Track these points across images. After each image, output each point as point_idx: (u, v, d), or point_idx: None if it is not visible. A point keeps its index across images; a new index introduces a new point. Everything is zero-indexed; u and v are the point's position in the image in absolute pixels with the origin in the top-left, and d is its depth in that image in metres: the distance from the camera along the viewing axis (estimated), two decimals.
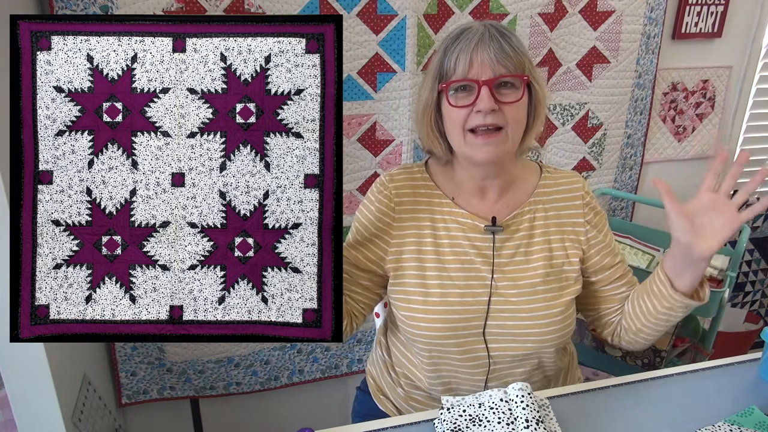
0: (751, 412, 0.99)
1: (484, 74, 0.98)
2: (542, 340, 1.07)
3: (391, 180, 1.13)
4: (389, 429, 0.99)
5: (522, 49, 1.01)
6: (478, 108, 0.97)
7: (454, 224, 1.10)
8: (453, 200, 1.11)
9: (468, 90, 0.99)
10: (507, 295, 1.07)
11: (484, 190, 1.11)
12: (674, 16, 1.98)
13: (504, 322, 1.07)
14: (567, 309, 1.09)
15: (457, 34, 1.02)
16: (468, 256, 1.08)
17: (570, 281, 1.10)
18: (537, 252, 1.09)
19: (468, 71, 0.98)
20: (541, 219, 1.11)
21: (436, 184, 1.13)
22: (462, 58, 0.98)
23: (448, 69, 1.01)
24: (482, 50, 0.97)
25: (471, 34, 1.00)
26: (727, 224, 0.93)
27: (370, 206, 1.13)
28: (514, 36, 1.02)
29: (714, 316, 1.73)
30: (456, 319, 1.06)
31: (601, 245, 1.12)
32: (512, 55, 0.98)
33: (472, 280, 1.08)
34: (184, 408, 1.88)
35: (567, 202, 1.13)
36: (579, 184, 1.14)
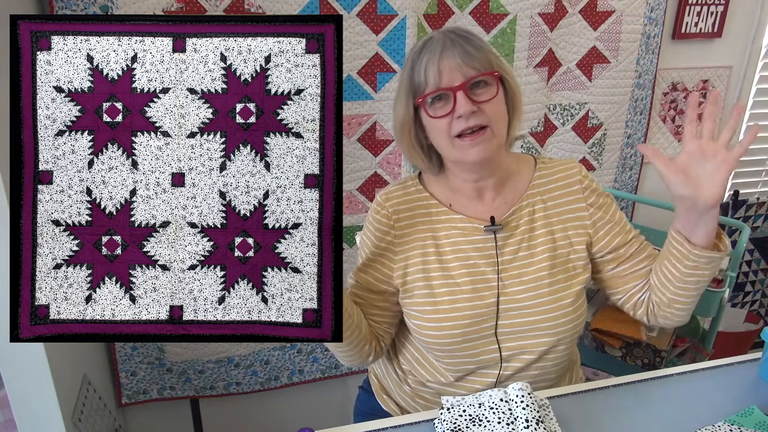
0: (751, 412, 0.99)
1: (455, 80, 0.98)
2: (555, 333, 1.07)
3: (387, 199, 1.14)
4: (389, 429, 0.99)
5: (485, 46, 1.02)
6: (459, 113, 0.98)
7: (455, 230, 1.10)
8: (450, 207, 1.12)
9: (444, 99, 1.00)
10: (514, 293, 1.07)
11: (480, 191, 1.11)
12: (674, 16, 1.98)
13: (514, 320, 1.07)
14: (577, 299, 1.08)
15: (420, 47, 1.03)
16: (472, 260, 1.09)
17: (578, 270, 1.10)
18: (540, 245, 1.09)
19: (440, 80, 0.99)
20: (541, 211, 1.11)
21: (431, 194, 1.14)
22: (430, 69, 0.99)
23: (420, 82, 1.01)
24: (447, 57, 0.99)
25: (432, 44, 1.01)
26: (721, 165, 0.92)
27: (371, 227, 1.14)
28: (475, 36, 1.03)
29: (714, 316, 1.73)
30: (467, 324, 1.06)
31: (609, 225, 1.12)
32: (477, 55, 0.99)
33: (478, 283, 1.08)
34: (184, 408, 1.88)
35: (565, 189, 1.12)
36: (575, 169, 1.14)
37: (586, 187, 1.13)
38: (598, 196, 1.13)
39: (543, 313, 1.07)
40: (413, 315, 1.10)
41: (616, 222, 1.13)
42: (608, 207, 1.13)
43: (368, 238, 1.15)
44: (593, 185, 1.14)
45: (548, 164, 1.15)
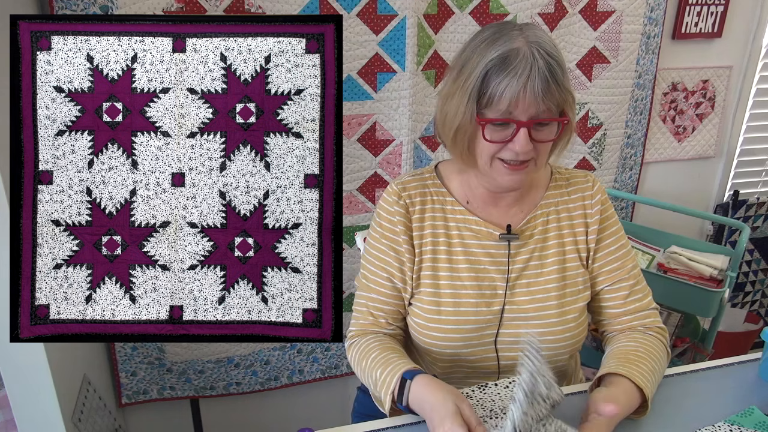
0: (751, 412, 0.99)
1: (526, 114, 0.92)
2: (555, 347, 1.05)
3: (404, 189, 1.08)
4: (389, 429, 0.99)
5: (566, 84, 0.95)
6: (514, 149, 0.94)
7: (468, 232, 1.08)
8: (467, 205, 1.09)
9: (505, 125, 0.94)
10: (521, 302, 1.05)
11: (497, 199, 1.08)
12: (674, 16, 1.98)
13: (517, 330, 1.05)
14: (580, 315, 1.07)
15: (503, 58, 0.92)
16: (482, 265, 1.07)
17: (582, 286, 1.08)
18: (551, 256, 1.07)
19: (513, 109, 0.92)
20: (554, 222, 1.09)
21: (448, 190, 1.10)
22: (508, 93, 0.91)
23: (491, 97, 0.93)
24: (530, 88, 0.90)
25: (519, 62, 0.91)
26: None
27: (386, 218, 1.08)
28: (561, 64, 0.94)
29: (714, 316, 1.73)
30: (469, 329, 1.05)
31: (606, 251, 1.09)
32: (557, 94, 0.93)
33: (485, 289, 1.06)
34: (184, 408, 1.88)
35: (578, 203, 1.10)
36: (589, 183, 1.11)
37: (597, 203, 1.09)
38: (608, 217, 1.10)
39: (547, 326, 1.05)
40: (416, 313, 1.08)
41: (614, 251, 1.09)
42: (613, 233, 1.10)
43: (388, 238, 1.08)
44: (605, 206, 1.10)
45: (564, 174, 1.13)
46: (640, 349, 1.01)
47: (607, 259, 1.09)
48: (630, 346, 1.03)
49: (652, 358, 0.99)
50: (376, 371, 1.02)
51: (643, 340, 1.04)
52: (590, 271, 1.10)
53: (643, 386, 0.92)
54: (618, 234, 1.10)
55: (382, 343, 1.07)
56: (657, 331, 1.07)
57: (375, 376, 1.01)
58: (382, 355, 1.04)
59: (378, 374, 1.01)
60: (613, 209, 1.12)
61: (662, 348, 1.04)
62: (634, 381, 0.92)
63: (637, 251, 1.88)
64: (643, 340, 1.04)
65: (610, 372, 0.96)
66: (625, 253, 1.10)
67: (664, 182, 2.21)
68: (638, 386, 0.92)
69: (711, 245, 1.87)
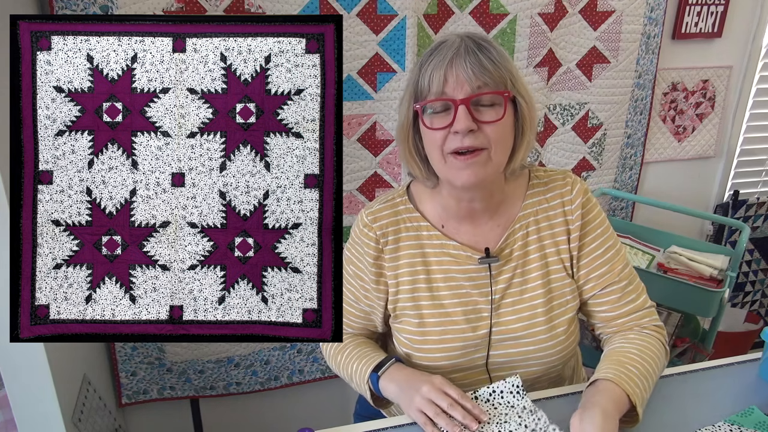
0: (751, 412, 0.99)
1: (460, 92, 0.89)
2: (547, 362, 1.04)
3: (374, 219, 1.05)
4: (389, 429, 0.99)
5: (503, 61, 0.92)
6: (455, 129, 0.89)
7: (447, 257, 1.03)
8: (442, 230, 1.04)
9: (445, 110, 0.91)
10: (508, 323, 1.02)
11: (473, 214, 1.03)
12: (674, 16, 1.98)
13: (507, 350, 1.03)
14: (569, 326, 1.04)
15: (433, 48, 0.94)
16: (464, 289, 1.03)
17: (569, 297, 1.04)
18: (534, 271, 1.03)
19: (443, 89, 0.90)
20: (534, 233, 1.04)
21: (422, 214, 1.06)
22: (436, 74, 0.90)
23: (423, 87, 0.93)
24: (457, 65, 0.89)
25: (446, 47, 0.91)
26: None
27: (357, 250, 1.07)
28: (495, 47, 0.93)
29: (714, 316, 1.73)
30: (457, 355, 1.02)
31: (592, 255, 1.04)
32: (491, 69, 0.90)
33: (470, 314, 1.02)
34: (184, 408, 1.88)
35: (558, 210, 1.04)
36: (568, 186, 1.04)
37: (578, 206, 1.03)
38: (590, 220, 1.04)
39: (537, 343, 1.02)
40: (402, 341, 1.06)
41: (600, 255, 1.04)
42: (598, 236, 1.04)
43: (355, 264, 1.07)
44: (586, 208, 1.03)
45: (542, 178, 1.06)
46: (633, 351, 0.99)
47: (594, 264, 1.04)
48: (624, 347, 1.01)
49: (644, 359, 0.98)
50: (351, 365, 1.06)
51: (638, 340, 1.02)
52: (577, 279, 1.06)
53: (630, 392, 0.90)
54: (604, 236, 1.05)
55: (355, 339, 1.12)
56: (654, 329, 1.05)
57: (351, 370, 1.06)
58: (357, 350, 1.08)
59: (354, 367, 1.05)
60: (599, 208, 1.06)
61: (659, 346, 1.02)
62: (622, 386, 0.90)
63: (637, 251, 1.89)
64: (638, 341, 1.02)
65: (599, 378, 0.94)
66: (613, 254, 1.05)
67: (664, 182, 2.21)
68: (626, 392, 0.90)
69: (711, 245, 1.87)
